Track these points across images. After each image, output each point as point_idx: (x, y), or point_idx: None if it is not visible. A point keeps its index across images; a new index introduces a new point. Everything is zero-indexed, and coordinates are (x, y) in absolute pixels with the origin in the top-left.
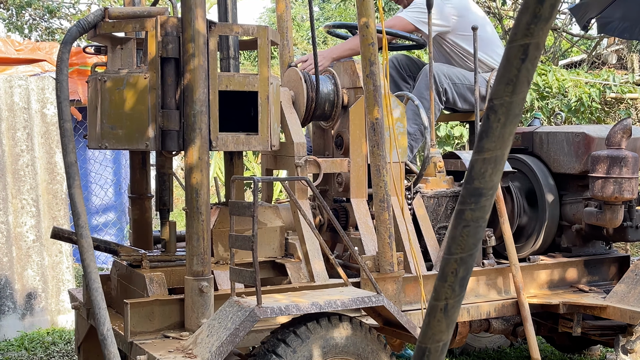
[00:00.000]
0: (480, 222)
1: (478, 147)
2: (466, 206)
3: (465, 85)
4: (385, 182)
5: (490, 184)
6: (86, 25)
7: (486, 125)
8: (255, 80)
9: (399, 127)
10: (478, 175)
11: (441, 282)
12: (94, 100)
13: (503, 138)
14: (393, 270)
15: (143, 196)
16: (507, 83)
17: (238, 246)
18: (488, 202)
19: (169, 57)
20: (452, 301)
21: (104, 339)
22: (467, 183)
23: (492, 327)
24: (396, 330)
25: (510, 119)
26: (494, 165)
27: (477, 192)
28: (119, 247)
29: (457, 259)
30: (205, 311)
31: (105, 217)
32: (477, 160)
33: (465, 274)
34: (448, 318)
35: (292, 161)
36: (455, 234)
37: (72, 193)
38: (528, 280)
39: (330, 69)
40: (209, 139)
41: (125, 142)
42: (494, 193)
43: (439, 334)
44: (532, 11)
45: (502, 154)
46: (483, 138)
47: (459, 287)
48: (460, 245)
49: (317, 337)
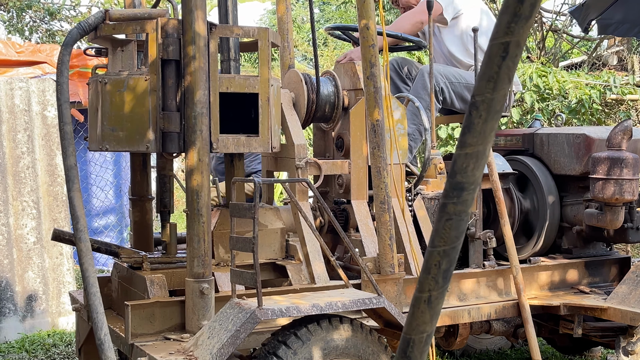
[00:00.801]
0: (463, 216)
1: (461, 143)
2: (449, 200)
3: (462, 84)
4: (386, 184)
5: (472, 179)
6: (87, 27)
7: (468, 121)
8: (256, 82)
9: (399, 128)
10: (460, 169)
11: (425, 275)
12: (95, 103)
13: (484, 134)
14: (394, 272)
15: (144, 198)
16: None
17: (239, 248)
18: (470, 196)
19: (169, 59)
20: (435, 293)
21: (101, 344)
22: (450, 177)
23: (492, 329)
24: (397, 332)
25: (491, 115)
26: (475, 160)
27: (460, 186)
28: (120, 249)
29: (440, 251)
30: (206, 313)
31: (105, 219)
32: (459, 155)
33: (448, 266)
34: (432, 309)
35: (293, 163)
36: (438, 227)
37: (72, 196)
38: (529, 282)
39: (331, 71)
40: (210, 141)
41: (126, 144)
42: (476, 187)
43: (423, 324)
44: (512, 10)
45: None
46: (465, 133)
47: (442, 279)
48: (443, 238)
49: (317, 338)
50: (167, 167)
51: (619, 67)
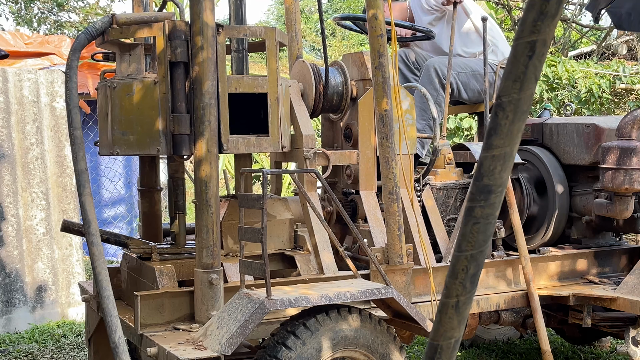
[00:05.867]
0: (490, 219)
1: (487, 144)
2: (476, 203)
3: (469, 73)
4: (394, 174)
5: (500, 181)
6: (94, 32)
7: (494, 122)
8: (265, 82)
9: (408, 118)
10: (487, 172)
11: (452, 279)
12: (104, 107)
13: (512, 135)
14: (402, 262)
15: (152, 189)
16: (514, 80)
17: (247, 238)
18: (497, 199)
19: (177, 61)
20: (463, 298)
21: (115, 347)
22: (476, 180)
23: (501, 319)
24: (405, 322)
25: (518, 115)
26: (502, 162)
27: (487, 189)
28: (129, 240)
29: (467, 256)
30: (215, 303)
31: (115, 210)
32: (486, 157)
33: (475, 270)
34: (459, 315)
35: (301, 153)
36: (465, 231)
37: (83, 201)
38: (538, 272)
39: (339, 61)
40: (219, 141)
41: (136, 147)
42: (504, 190)
43: (450, 330)
44: (538, 8)
45: (511, 151)
46: (492, 135)
47: (470, 284)
48: (471, 242)
49: (326, 329)
50: (180, 170)
51: (628, 57)
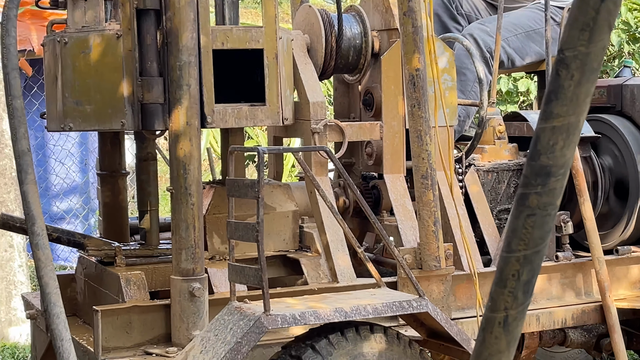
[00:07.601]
0: (549, 210)
1: (545, 113)
2: (530, 189)
3: (522, 34)
4: (428, 153)
5: (562, 160)
6: None
7: (555, 83)
8: (260, 35)
9: (446, 80)
10: (545, 149)
11: (499, 288)
12: (53, 69)
13: (577, 100)
14: (439, 267)
15: (116, 173)
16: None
17: (239, 237)
18: (559, 184)
19: (147, 8)
20: (513, 312)
21: None
22: (531, 159)
23: (568, 339)
24: (444, 344)
25: (586, 75)
26: (566, 135)
27: (545, 171)
28: (86, 240)
29: (519, 257)
30: (198, 321)
31: (68, 201)
32: (544, 129)
33: (530, 276)
34: (509, 334)
35: (308, 126)
36: (516, 225)
37: (25, 190)
38: (616, 279)
39: (357, 6)
40: (202, 112)
41: (94, 121)
42: (567, 171)
43: (497, 354)
44: None
45: (576, 121)
46: (551, 100)
47: (523, 294)
48: (524, 239)
49: (341, 352)
50: (150, 149)
51: None
